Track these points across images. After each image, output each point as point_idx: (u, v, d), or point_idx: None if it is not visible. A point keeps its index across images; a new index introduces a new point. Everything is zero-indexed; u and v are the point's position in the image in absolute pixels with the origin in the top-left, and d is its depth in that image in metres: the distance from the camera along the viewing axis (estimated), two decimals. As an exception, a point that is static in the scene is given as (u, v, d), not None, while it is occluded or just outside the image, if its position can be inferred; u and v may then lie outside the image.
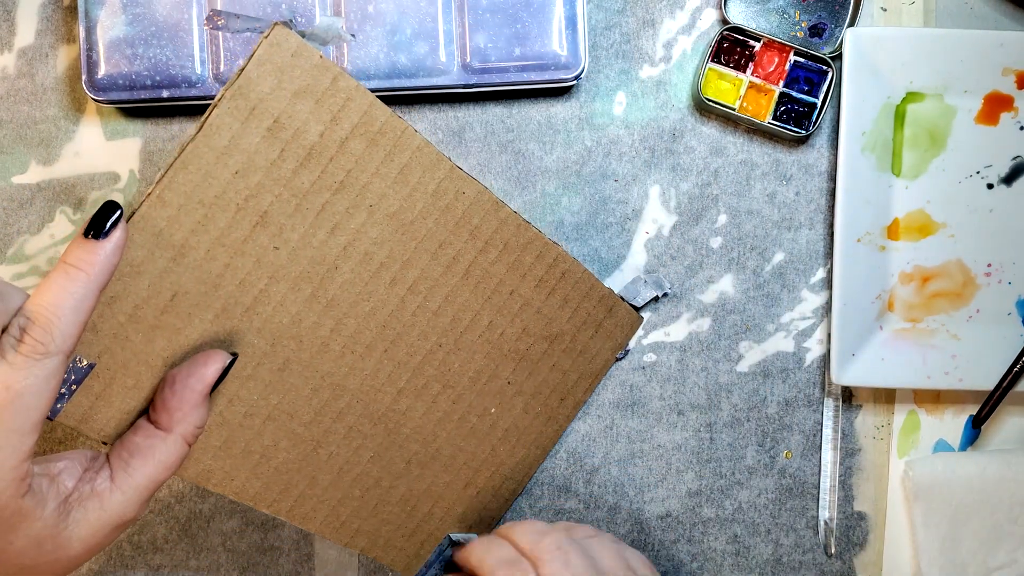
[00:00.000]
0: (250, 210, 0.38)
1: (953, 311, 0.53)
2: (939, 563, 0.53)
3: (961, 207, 0.53)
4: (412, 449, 0.46)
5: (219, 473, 0.42)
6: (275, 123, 0.37)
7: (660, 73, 0.54)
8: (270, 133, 0.37)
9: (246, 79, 0.36)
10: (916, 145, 0.53)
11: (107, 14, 0.50)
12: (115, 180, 0.53)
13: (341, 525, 0.46)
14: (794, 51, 0.52)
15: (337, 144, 0.38)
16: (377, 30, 0.50)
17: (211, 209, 0.37)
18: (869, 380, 0.52)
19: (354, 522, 0.46)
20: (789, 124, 0.52)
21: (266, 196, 0.38)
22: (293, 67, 0.37)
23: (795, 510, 0.55)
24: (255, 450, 0.42)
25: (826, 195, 0.54)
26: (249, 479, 0.42)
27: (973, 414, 0.54)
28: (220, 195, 0.37)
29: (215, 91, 0.50)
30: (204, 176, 0.37)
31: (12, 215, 0.53)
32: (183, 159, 0.36)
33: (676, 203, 0.54)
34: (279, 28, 0.36)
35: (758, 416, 0.55)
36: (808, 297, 0.54)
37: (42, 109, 0.53)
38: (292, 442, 0.43)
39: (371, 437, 0.45)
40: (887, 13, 0.54)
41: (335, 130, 0.38)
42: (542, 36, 0.50)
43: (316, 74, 0.37)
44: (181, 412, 0.38)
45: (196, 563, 0.54)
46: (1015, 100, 0.52)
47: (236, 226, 0.38)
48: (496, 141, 0.53)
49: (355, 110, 0.38)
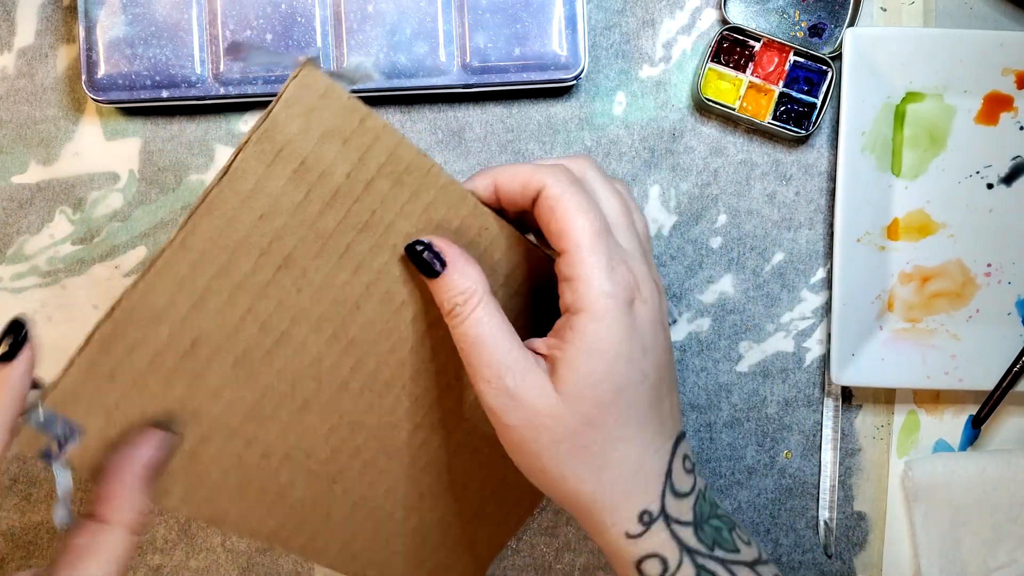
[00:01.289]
0: (274, 253, 0.37)
1: (953, 311, 0.53)
2: (939, 563, 0.53)
3: (961, 207, 0.53)
4: (426, 481, 0.46)
5: (235, 515, 0.41)
6: (301, 165, 0.36)
7: (660, 73, 0.54)
8: (296, 175, 0.36)
9: (273, 122, 0.35)
10: (916, 145, 0.53)
11: (107, 14, 0.50)
12: (115, 180, 0.53)
13: (353, 558, 0.46)
14: (794, 51, 0.52)
15: (363, 184, 0.38)
16: (377, 30, 0.50)
17: (234, 254, 0.37)
18: (869, 380, 0.52)
19: (366, 554, 0.46)
20: (789, 124, 0.52)
21: (290, 239, 0.37)
22: (321, 108, 0.36)
23: (795, 510, 0.55)
24: (271, 489, 0.42)
25: (826, 195, 0.54)
26: (264, 519, 0.42)
27: (973, 414, 0.54)
28: (244, 239, 0.36)
29: (215, 91, 0.50)
30: (228, 221, 0.36)
31: (12, 215, 0.53)
32: (207, 205, 0.35)
33: (676, 203, 0.54)
34: (308, 69, 0.35)
35: (758, 416, 0.55)
36: (808, 297, 0.54)
37: (42, 109, 0.53)
38: (308, 480, 0.42)
39: (387, 472, 0.44)
40: (887, 13, 0.54)
41: (361, 170, 0.37)
42: (542, 36, 0.50)
43: (345, 115, 0.36)
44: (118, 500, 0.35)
45: (196, 564, 0.54)
46: (1015, 100, 0.52)
47: (259, 270, 0.37)
48: (496, 141, 0.53)
49: (382, 150, 0.37)
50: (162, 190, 0.53)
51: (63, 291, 0.53)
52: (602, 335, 0.37)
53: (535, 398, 0.38)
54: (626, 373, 0.38)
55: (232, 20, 0.50)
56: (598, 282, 0.37)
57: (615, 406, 0.38)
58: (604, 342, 0.37)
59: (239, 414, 0.39)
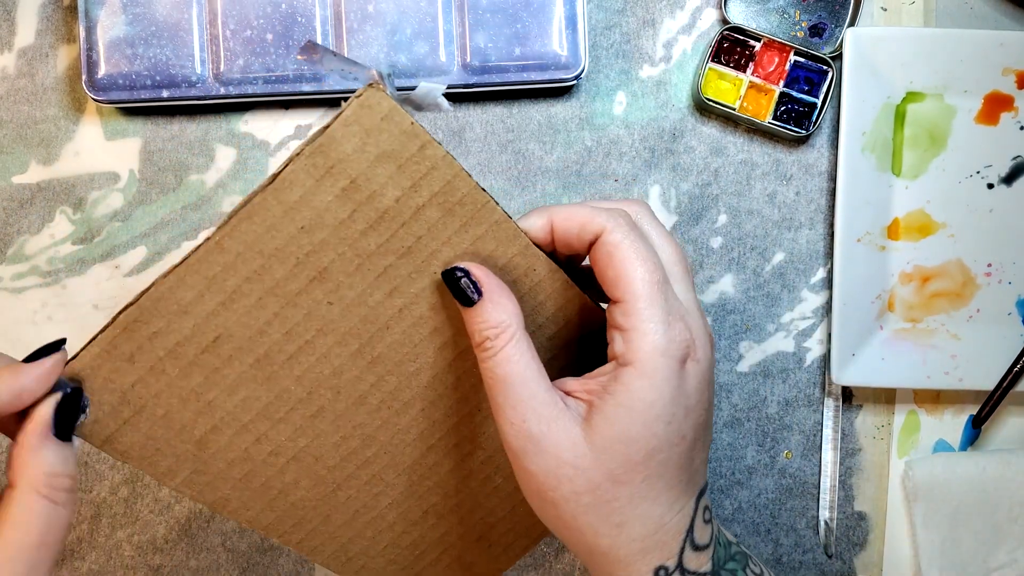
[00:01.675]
0: (310, 265, 0.37)
1: (953, 311, 0.53)
2: (939, 563, 0.53)
3: (961, 207, 0.53)
4: (432, 500, 0.46)
5: (235, 502, 0.42)
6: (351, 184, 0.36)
7: (660, 73, 0.54)
8: (344, 193, 0.36)
9: (329, 138, 0.35)
10: (916, 145, 0.53)
11: (107, 14, 0.50)
12: (115, 180, 0.53)
13: (348, 560, 0.46)
14: (794, 51, 0.52)
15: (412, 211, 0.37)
16: (377, 30, 0.50)
17: (270, 260, 0.37)
18: (869, 380, 0.52)
19: (361, 559, 0.46)
20: (789, 124, 0.52)
21: (328, 253, 0.37)
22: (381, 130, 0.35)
23: (795, 510, 0.55)
24: (275, 486, 0.42)
25: (826, 195, 0.54)
26: (264, 511, 0.42)
27: (973, 414, 0.54)
28: (281, 248, 0.36)
29: (215, 91, 0.50)
30: (268, 228, 0.36)
31: (12, 215, 0.53)
32: (249, 210, 0.35)
33: (676, 203, 0.54)
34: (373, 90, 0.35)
35: (758, 416, 0.55)
36: (808, 297, 0.54)
37: (42, 109, 0.53)
38: (313, 482, 0.43)
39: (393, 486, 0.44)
40: (887, 13, 0.54)
41: (412, 197, 0.37)
42: (542, 36, 0.50)
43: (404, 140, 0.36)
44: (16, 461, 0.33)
45: (196, 563, 0.54)
46: (1015, 100, 0.52)
47: (292, 278, 0.37)
48: (496, 141, 0.53)
49: (437, 179, 0.37)
50: (162, 190, 0.53)
51: (63, 291, 0.53)
52: (647, 394, 0.36)
53: (559, 447, 0.36)
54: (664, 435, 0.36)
55: (232, 20, 0.50)
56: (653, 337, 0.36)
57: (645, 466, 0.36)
58: (647, 401, 0.36)
59: (252, 411, 0.40)
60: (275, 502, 0.42)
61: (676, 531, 0.38)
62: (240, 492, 0.41)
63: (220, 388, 0.39)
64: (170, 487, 0.40)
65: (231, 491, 0.41)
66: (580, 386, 0.38)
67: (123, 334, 0.36)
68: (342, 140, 0.35)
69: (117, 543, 0.54)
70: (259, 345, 0.38)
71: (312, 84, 0.50)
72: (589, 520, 0.37)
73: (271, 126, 0.53)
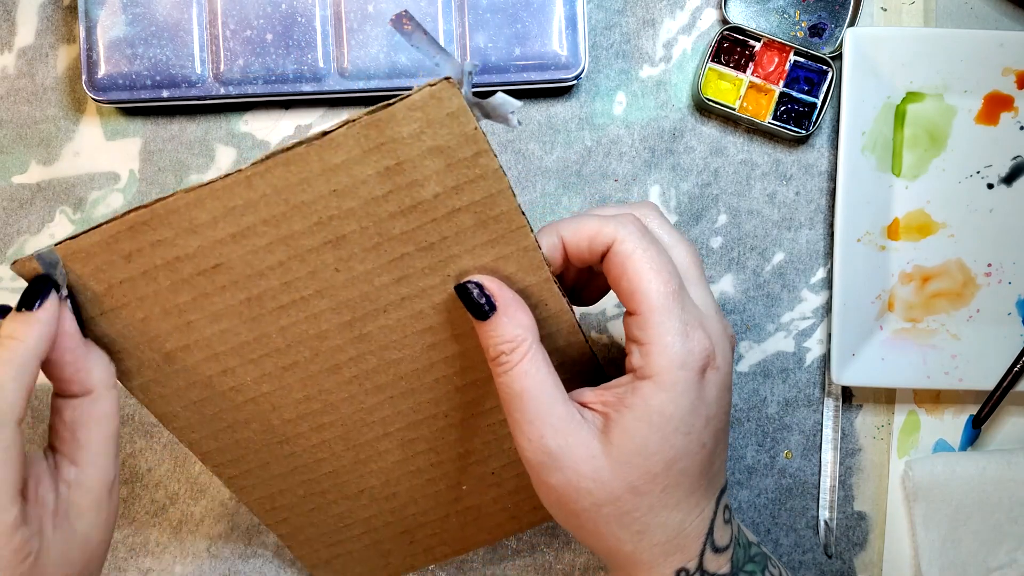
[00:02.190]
0: (330, 228, 0.37)
1: (953, 311, 0.53)
2: (939, 563, 0.53)
3: (961, 207, 0.53)
4: (371, 483, 0.46)
5: (182, 421, 0.42)
6: (396, 165, 0.36)
7: (660, 73, 0.54)
8: (387, 172, 0.36)
9: (389, 115, 0.35)
10: (916, 145, 0.53)
11: (107, 14, 0.50)
12: (115, 180, 0.53)
13: (272, 509, 0.47)
14: (794, 51, 0.52)
15: (447, 211, 0.37)
16: (377, 30, 0.50)
17: (292, 211, 0.37)
18: (869, 380, 0.52)
19: (284, 512, 0.47)
20: (789, 124, 0.52)
21: (351, 223, 0.37)
22: (443, 125, 0.35)
23: (795, 510, 0.55)
24: (225, 419, 0.42)
25: (826, 195, 0.54)
26: (207, 438, 0.43)
27: (973, 414, 0.54)
28: (308, 203, 0.36)
29: (215, 91, 0.50)
30: (301, 181, 0.36)
31: (12, 215, 0.53)
32: (288, 157, 0.35)
33: (676, 203, 0.54)
34: (447, 84, 0.34)
35: (758, 416, 0.55)
36: (808, 297, 0.54)
37: (42, 109, 0.53)
38: (263, 428, 0.43)
39: (339, 457, 0.45)
40: (887, 13, 0.54)
41: (452, 197, 0.37)
42: (542, 36, 0.50)
43: (462, 141, 0.35)
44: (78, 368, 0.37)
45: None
46: (1015, 100, 0.52)
47: (308, 235, 0.37)
48: (496, 141, 0.53)
49: (482, 189, 0.37)
50: (162, 190, 0.53)
51: (63, 291, 0.53)
52: (666, 407, 0.36)
53: (578, 461, 0.36)
54: (683, 446, 0.36)
55: (232, 20, 0.50)
56: (671, 351, 0.35)
57: (665, 476, 0.36)
58: (666, 415, 0.36)
59: (228, 344, 0.40)
60: (221, 434, 0.43)
61: (697, 534, 0.38)
62: (190, 414, 0.42)
63: (204, 313, 0.39)
64: (126, 387, 0.40)
65: (182, 410, 0.42)
66: (597, 397, 0.38)
67: (127, 232, 0.36)
68: (401, 122, 0.35)
69: (113, 544, 0.54)
70: (255, 286, 0.38)
71: (312, 84, 0.50)
72: (611, 529, 0.37)
73: (271, 126, 0.53)
